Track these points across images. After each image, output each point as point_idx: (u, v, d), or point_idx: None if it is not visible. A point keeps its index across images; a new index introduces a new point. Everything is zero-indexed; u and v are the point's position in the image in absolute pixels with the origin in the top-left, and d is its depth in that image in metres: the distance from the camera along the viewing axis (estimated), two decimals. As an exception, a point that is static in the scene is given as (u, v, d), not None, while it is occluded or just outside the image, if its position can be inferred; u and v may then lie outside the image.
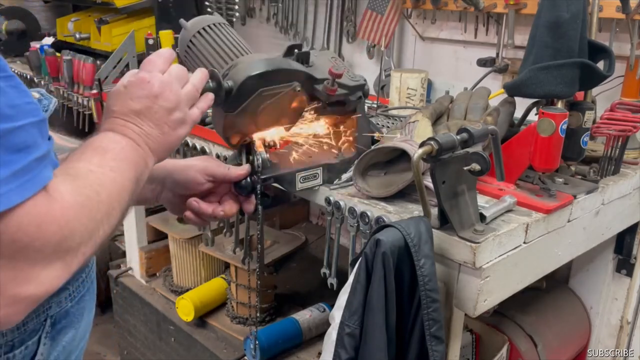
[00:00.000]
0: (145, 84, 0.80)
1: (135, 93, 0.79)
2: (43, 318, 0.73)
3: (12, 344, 0.69)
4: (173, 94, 0.82)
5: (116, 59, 2.41)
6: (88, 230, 0.62)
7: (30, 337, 0.72)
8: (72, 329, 0.78)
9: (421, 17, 2.16)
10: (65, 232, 0.58)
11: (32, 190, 0.55)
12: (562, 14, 1.18)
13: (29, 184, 0.55)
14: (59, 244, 0.57)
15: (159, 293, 2.20)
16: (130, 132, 0.77)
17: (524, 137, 1.19)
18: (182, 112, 0.83)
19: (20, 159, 0.54)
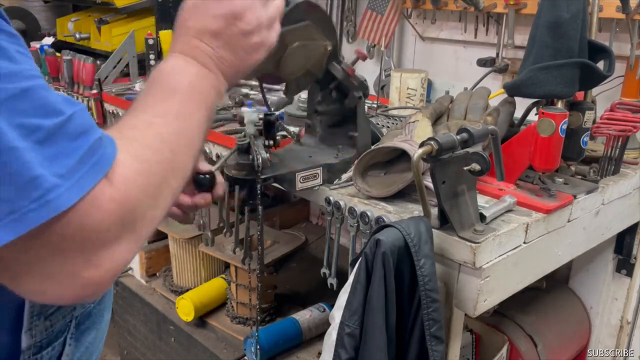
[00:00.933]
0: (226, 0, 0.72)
1: (213, 9, 0.71)
2: (69, 319, 0.74)
3: (40, 345, 0.70)
4: (255, 16, 0.73)
5: (116, 59, 2.41)
6: (149, 197, 0.59)
7: (56, 338, 0.72)
8: (94, 329, 0.79)
9: (421, 17, 2.16)
10: (126, 206, 0.56)
11: (102, 172, 0.53)
12: (562, 14, 1.18)
13: (101, 162, 0.54)
14: (123, 220, 0.55)
15: (159, 293, 2.20)
16: (203, 56, 0.71)
17: (524, 137, 1.19)
18: (260, 36, 0.75)
19: (83, 142, 0.53)
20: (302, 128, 1.42)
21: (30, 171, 0.48)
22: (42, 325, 0.69)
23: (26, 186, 0.48)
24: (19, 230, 0.48)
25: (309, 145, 1.38)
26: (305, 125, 1.41)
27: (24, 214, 0.48)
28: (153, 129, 0.62)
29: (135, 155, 0.58)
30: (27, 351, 0.68)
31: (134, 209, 0.56)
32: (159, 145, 0.61)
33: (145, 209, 0.58)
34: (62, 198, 0.50)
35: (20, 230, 0.48)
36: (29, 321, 0.68)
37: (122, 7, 2.53)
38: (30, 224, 0.49)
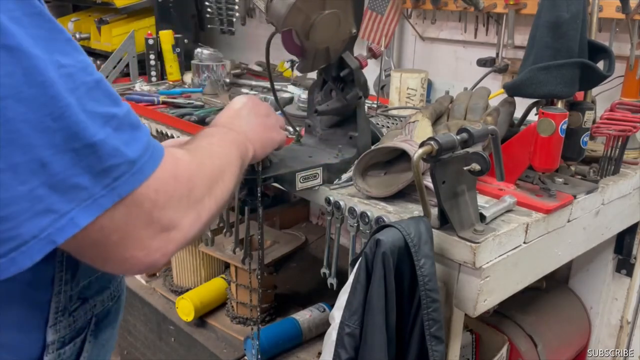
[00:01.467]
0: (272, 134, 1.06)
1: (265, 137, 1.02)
2: (89, 316, 0.77)
3: (64, 340, 0.73)
4: (265, 107, 1.05)
5: (116, 59, 2.41)
6: (207, 185, 0.71)
7: (78, 334, 0.75)
8: (110, 327, 0.82)
9: (421, 17, 2.16)
10: (191, 184, 0.67)
11: (161, 154, 0.63)
12: (562, 14, 1.18)
13: (158, 148, 0.63)
14: (189, 195, 0.66)
15: (159, 293, 2.20)
16: (231, 125, 0.94)
17: (524, 137, 1.19)
18: (273, 119, 1.06)
19: (143, 133, 0.61)
20: (302, 128, 1.42)
21: (109, 159, 0.56)
22: (66, 321, 0.72)
23: (104, 171, 0.56)
24: (93, 213, 0.56)
25: (309, 145, 1.38)
26: (305, 125, 1.41)
27: (97, 199, 0.56)
28: (203, 148, 0.79)
29: (193, 156, 0.72)
30: (51, 346, 0.71)
31: (196, 188, 0.67)
32: (209, 156, 0.77)
33: (203, 194, 0.69)
34: (136, 176, 0.58)
35: (95, 214, 0.56)
36: (54, 317, 0.70)
37: (122, 7, 2.53)
38: (102, 206, 0.56)
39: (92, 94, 0.56)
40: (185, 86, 2.35)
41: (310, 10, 1.11)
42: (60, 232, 0.54)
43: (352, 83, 1.28)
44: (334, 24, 1.14)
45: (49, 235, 0.54)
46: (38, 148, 0.52)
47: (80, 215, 0.55)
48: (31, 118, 0.51)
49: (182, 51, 2.44)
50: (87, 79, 0.57)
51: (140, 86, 2.30)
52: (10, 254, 0.53)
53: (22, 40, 0.52)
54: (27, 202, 0.52)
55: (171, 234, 0.63)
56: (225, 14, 2.51)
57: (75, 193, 0.54)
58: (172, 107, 2.00)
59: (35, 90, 0.52)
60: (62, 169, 0.53)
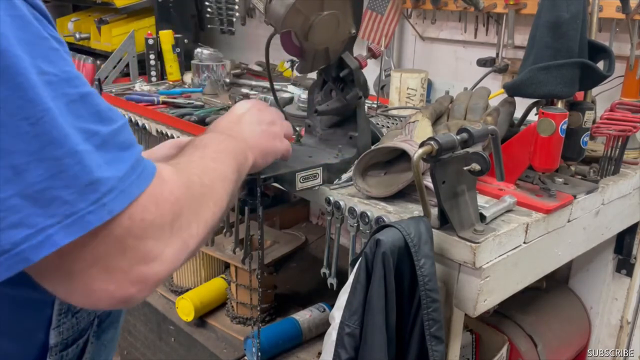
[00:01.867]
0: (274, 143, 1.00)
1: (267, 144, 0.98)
2: (92, 317, 0.76)
3: (67, 342, 0.72)
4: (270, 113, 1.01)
5: (116, 59, 2.41)
6: (194, 209, 0.64)
7: (81, 335, 0.75)
8: (112, 328, 0.82)
9: (421, 17, 2.16)
10: (176, 209, 0.60)
11: (150, 177, 0.58)
12: (562, 14, 1.18)
13: (145, 172, 0.57)
14: (173, 223, 0.59)
15: (159, 293, 2.20)
16: (230, 131, 0.88)
17: (524, 137, 1.19)
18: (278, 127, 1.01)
19: (131, 154, 0.57)
20: (302, 128, 1.42)
21: (91, 174, 0.51)
22: (69, 323, 0.72)
23: (87, 189, 0.51)
24: (76, 232, 0.50)
25: (309, 145, 1.38)
26: (305, 125, 1.41)
27: (82, 217, 0.50)
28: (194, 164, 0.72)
29: (181, 175, 0.65)
30: (54, 348, 0.70)
31: (182, 214, 0.61)
32: (200, 174, 0.69)
33: (190, 219, 0.63)
34: (117, 201, 0.53)
35: (77, 233, 0.50)
36: (57, 319, 0.70)
37: (122, 7, 2.53)
38: (87, 226, 0.51)
39: (73, 107, 0.52)
40: (185, 86, 2.35)
41: (309, 11, 1.11)
42: (36, 249, 0.49)
43: (352, 83, 1.28)
44: (333, 25, 1.14)
45: (22, 252, 0.48)
46: (12, 154, 0.48)
47: (60, 233, 0.49)
48: (5, 121, 0.47)
49: (182, 51, 2.45)
50: (71, 92, 0.52)
51: (140, 86, 2.30)
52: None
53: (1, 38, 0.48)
54: None
55: (151, 267, 0.57)
56: (225, 14, 2.51)
57: (56, 207, 0.49)
58: (172, 107, 2.01)
59: (12, 92, 0.48)
60: (40, 179, 0.48)
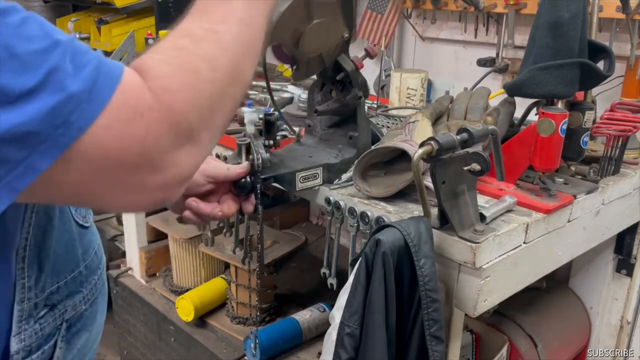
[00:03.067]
0: None
1: None
2: (59, 322, 0.74)
3: (30, 349, 0.70)
4: None
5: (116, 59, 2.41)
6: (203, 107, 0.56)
7: (46, 341, 0.72)
8: (86, 331, 0.79)
9: (421, 17, 2.16)
10: (175, 116, 0.54)
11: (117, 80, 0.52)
12: (562, 14, 1.18)
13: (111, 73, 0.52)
14: (176, 128, 0.54)
15: (159, 293, 2.20)
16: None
17: (524, 137, 1.19)
18: None
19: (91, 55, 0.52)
20: (302, 128, 1.42)
21: None
22: (31, 329, 0.69)
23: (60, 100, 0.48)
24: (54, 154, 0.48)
25: (309, 145, 1.38)
26: (305, 125, 1.41)
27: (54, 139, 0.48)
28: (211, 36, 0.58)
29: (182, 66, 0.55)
30: (15, 355, 0.68)
31: (185, 118, 0.54)
32: (215, 54, 0.58)
33: (199, 119, 0.56)
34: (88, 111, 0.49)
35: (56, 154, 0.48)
36: (18, 325, 0.68)
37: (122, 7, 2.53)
38: (61, 147, 0.48)
39: (19, 30, 0.48)
40: (185, 86, 2.34)
41: (297, 23, 1.10)
42: (20, 178, 0.48)
43: (350, 84, 1.28)
44: (323, 32, 1.14)
45: (9, 184, 0.48)
46: None
47: (39, 160, 0.48)
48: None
49: None
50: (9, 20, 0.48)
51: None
52: None
53: None
54: None
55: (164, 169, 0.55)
56: (225, 14, 2.51)
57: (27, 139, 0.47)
58: (172, 107, 2.00)
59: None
60: None
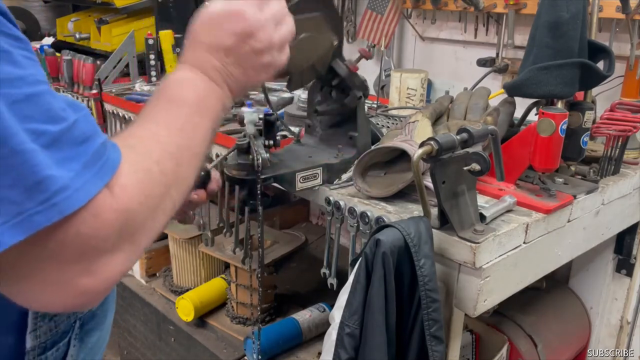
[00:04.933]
0: (241, 17, 0.71)
1: (227, 26, 0.71)
2: (73, 320, 0.75)
3: (45, 346, 0.70)
4: (267, 36, 0.73)
5: (116, 59, 2.41)
6: (150, 208, 0.58)
7: (61, 338, 0.73)
8: (97, 330, 0.80)
9: (421, 17, 2.16)
10: (125, 216, 0.55)
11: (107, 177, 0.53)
12: (562, 14, 1.18)
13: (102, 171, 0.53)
14: (121, 230, 0.55)
15: (159, 293, 2.20)
16: (213, 71, 0.71)
17: (524, 137, 1.19)
18: (271, 56, 0.76)
19: (87, 148, 0.53)
20: (302, 128, 1.42)
21: (38, 174, 0.48)
22: (46, 327, 0.70)
23: (34, 188, 0.48)
24: (24, 232, 0.48)
25: (309, 145, 1.38)
26: (305, 125, 1.41)
27: (30, 216, 0.48)
28: (157, 140, 0.62)
29: (137, 166, 0.58)
30: (31, 352, 0.69)
31: (134, 219, 0.56)
32: (162, 157, 0.61)
33: (144, 220, 0.58)
34: (69, 201, 0.50)
35: (26, 232, 0.48)
36: (34, 322, 0.68)
37: (122, 7, 2.53)
38: (35, 226, 0.48)
39: (17, 108, 0.49)
40: (185, 86, 2.34)
41: None
42: None
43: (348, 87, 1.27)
44: (311, 45, 1.11)
45: None
46: None
47: (8, 233, 0.47)
48: None
49: (182, 51, 2.44)
50: (13, 92, 0.49)
51: (140, 86, 2.30)
52: None
53: None
54: None
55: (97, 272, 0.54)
56: (225, 14, 2.51)
57: (4, 207, 0.47)
58: (172, 107, 2.00)
59: None
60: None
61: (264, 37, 0.73)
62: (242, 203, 1.23)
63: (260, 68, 0.76)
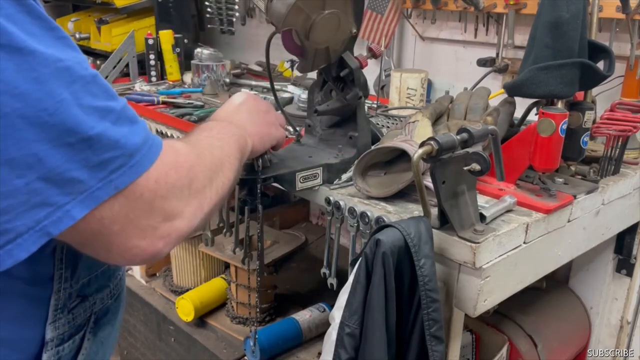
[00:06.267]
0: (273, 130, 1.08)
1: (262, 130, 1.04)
2: (89, 314, 0.78)
3: (62, 337, 0.73)
4: (265, 104, 1.07)
5: (116, 59, 2.41)
6: (207, 176, 0.72)
7: (77, 331, 0.76)
8: (109, 325, 0.83)
9: (421, 17, 2.16)
10: (192, 174, 0.68)
11: (159, 149, 0.64)
12: (562, 14, 1.18)
13: (157, 141, 0.64)
14: (190, 185, 0.67)
15: (159, 293, 2.20)
16: (231, 119, 0.96)
17: (524, 137, 1.19)
18: (273, 116, 1.08)
19: (141, 126, 0.63)
20: (302, 128, 1.42)
21: (99, 155, 0.57)
22: (65, 319, 0.73)
23: (95, 168, 0.57)
24: (90, 205, 0.57)
25: (309, 145, 1.38)
26: (305, 125, 1.41)
27: (92, 192, 0.57)
28: (202, 140, 0.80)
29: (193, 147, 0.74)
30: (50, 343, 0.71)
31: (197, 178, 0.69)
32: (209, 148, 0.78)
33: (204, 184, 0.71)
34: (129, 173, 0.59)
35: (91, 205, 0.57)
36: (54, 314, 0.71)
37: (122, 7, 2.53)
38: (98, 199, 0.57)
39: (89, 88, 0.57)
40: (185, 86, 2.35)
41: (310, 10, 1.11)
42: (56, 224, 0.55)
43: (352, 83, 1.28)
44: (334, 24, 1.15)
45: (44, 227, 0.55)
46: (34, 143, 0.53)
47: (76, 208, 0.56)
48: (27, 113, 0.52)
49: (182, 51, 2.44)
50: (84, 73, 0.58)
51: (140, 86, 2.30)
52: (6, 246, 0.54)
53: (16, 37, 0.53)
54: (23, 196, 0.53)
55: (174, 223, 0.65)
56: (225, 14, 2.51)
57: (72, 186, 0.56)
58: (172, 107, 2.00)
59: (31, 86, 0.53)
60: (58, 163, 0.55)
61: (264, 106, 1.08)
62: (242, 203, 1.23)
63: (269, 124, 1.06)
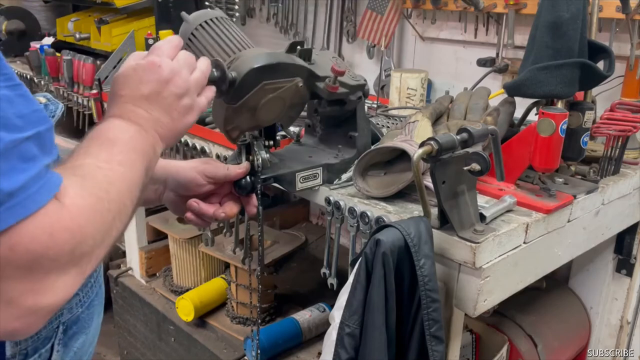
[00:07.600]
0: (155, 68, 0.76)
1: (144, 77, 0.76)
2: (55, 325, 0.74)
3: (26, 352, 0.70)
4: (182, 80, 0.79)
5: (116, 59, 2.41)
6: (100, 233, 0.60)
7: (43, 344, 0.72)
8: (82, 334, 0.79)
9: (421, 17, 2.16)
10: (78, 238, 0.56)
11: (46, 197, 0.53)
12: (562, 14, 1.18)
13: (43, 190, 0.53)
14: (73, 251, 0.55)
15: (159, 293, 2.20)
16: (138, 119, 0.74)
17: (524, 137, 1.19)
18: (190, 98, 0.81)
19: (31, 167, 0.53)
20: (302, 128, 1.42)
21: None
22: None
23: None
24: None
25: (309, 145, 1.38)
26: (305, 125, 1.41)
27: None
28: (101, 171, 0.64)
29: (89, 193, 0.59)
30: (11, 359, 0.68)
31: (85, 241, 0.56)
32: (107, 187, 0.63)
33: (93, 245, 0.58)
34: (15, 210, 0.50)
35: None
36: None
37: (122, 7, 2.53)
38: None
39: None
40: (185, 86, 2.34)
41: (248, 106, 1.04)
42: None
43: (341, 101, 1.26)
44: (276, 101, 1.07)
45: None
46: None
47: None
48: None
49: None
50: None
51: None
52: None
53: None
54: None
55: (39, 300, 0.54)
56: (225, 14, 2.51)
57: None
58: (172, 107, 2.00)
59: None
60: None
61: (181, 82, 0.79)
62: (242, 203, 1.22)
63: (184, 110, 0.80)
